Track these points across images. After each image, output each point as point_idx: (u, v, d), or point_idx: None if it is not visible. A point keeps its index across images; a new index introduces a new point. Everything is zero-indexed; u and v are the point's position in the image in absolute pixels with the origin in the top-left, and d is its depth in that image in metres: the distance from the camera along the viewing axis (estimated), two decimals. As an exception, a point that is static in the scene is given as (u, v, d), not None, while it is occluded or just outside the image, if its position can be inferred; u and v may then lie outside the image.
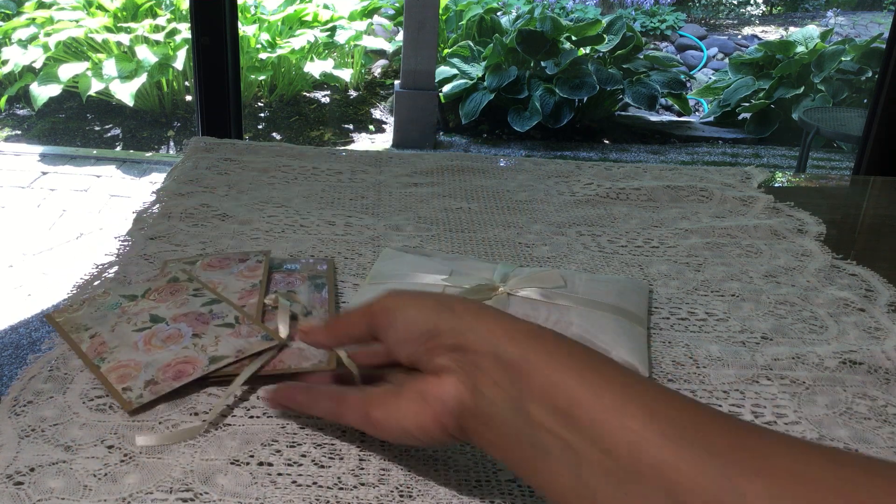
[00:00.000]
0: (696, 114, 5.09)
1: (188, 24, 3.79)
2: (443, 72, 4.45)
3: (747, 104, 4.65)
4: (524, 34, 4.36)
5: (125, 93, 3.82)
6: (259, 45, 4.34)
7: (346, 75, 4.50)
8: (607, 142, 4.56)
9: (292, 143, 1.05)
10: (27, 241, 2.92)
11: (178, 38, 4.04)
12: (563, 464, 0.38)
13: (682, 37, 6.13)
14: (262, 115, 4.51)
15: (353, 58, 4.79)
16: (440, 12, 4.33)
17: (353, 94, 4.82)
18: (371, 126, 4.54)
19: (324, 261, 0.73)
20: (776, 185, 1.05)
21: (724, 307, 0.71)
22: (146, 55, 3.94)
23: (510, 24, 4.91)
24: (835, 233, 0.89)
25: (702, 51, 5.97)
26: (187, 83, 4.29)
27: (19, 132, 4.15)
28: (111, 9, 4.18)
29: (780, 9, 7.31)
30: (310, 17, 4.61)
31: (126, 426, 0.52)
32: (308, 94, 4.73)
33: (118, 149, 4.05)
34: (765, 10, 7.20)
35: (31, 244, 2.89)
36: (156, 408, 0.54)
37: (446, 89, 4.39)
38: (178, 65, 3.98)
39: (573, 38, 4.53)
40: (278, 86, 4.55)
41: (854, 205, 1.04)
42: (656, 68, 4.63)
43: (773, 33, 6.59)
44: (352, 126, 4.52)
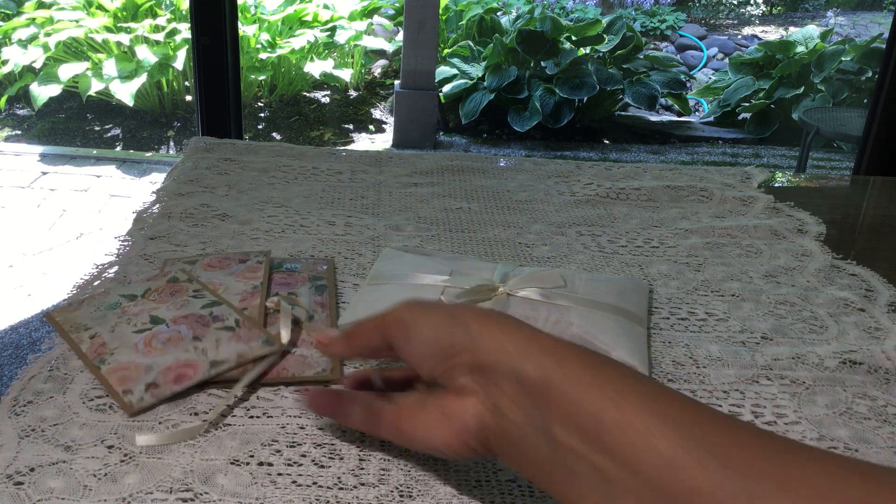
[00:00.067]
0: (696, 114, 5.09)
1: (188, 24, 3.79)
2: (443, 72, 4.45)
3: (747, 104, 4.65)
4: (524, 34, 4.36)
5: (125, 93, 3.82)
6: (259, 45, 4.34)
7: (346, 75, 4.50)
8: (607, 142, 4.56)
9: (292, 143, 1.05)
10: (27, 241, 2.92)
11: (178, 38, 4.04)
12: (591, 485, 0.37)
13: (682, 37, 6.13)
14: (262, 115, 4.51)
15: (353, 58, 4.79)
16: (440, 12, 4.33)
17: (353, 94, 4.82)
18: (371, 126, 4.54)
19: (324, 261, 0.73)
20: (776, 185, 1.05)
21: (724, 307, 0.71)
22: (146, 55, 3.94)
23: (510, 24, 4.91)
24: (835, 233, 0.89)
25: (702, 51, 5.97)
26: (187, 83, 4.29)
27: (19, 132, 4.15)
28: (111, 9, 4.18)
29: (780, 9, 7.31)
30: (310, 17, 4.61)
31: (126, 426, 0.52)
32: (308, 94, 4.73)
33: (118, 149, 4.05)
34: (765, 10, 7.20)
35: (31, 244, 2.89)
36: (156, 408, 0.54)
37: (446, 89, 4.39)
38: (178, 65, 3.98)
39: (573, 38, 4.53)
40: (278, 86, 4.55)
41: (854, 205, 1.04)
42: (656, 68, 4.63)
43: (773, 33, 6.59)
44: (352, 126, 4.52)
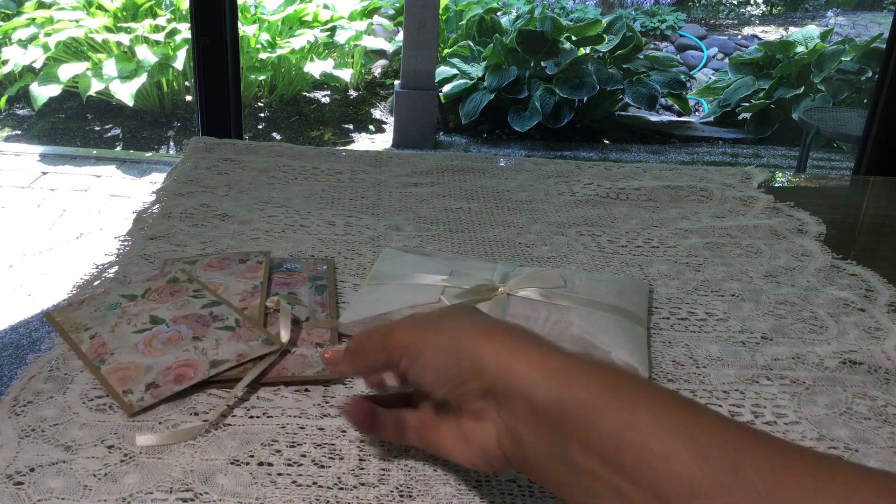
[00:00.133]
0: (696, 114, 5.09)
1: (188, 24, 3.79)
2: (443, 72, 4.45)
3: (747, 104, 4.65)
4: (524, 34, 4.36)
5: (125, 93, 3.82)
6: (259, 45, 4.34)
7: (346, 75, 4.50)
8: (607, 142, 4.56)
9: (292, 143, 1.05)
10: (27, 241, 2.92)
11: (178, 38, 4.04)
12: None
13: (682, 37, 6.12)
14: (262, 115, 4.51)
15: (353, 58, 4.79)
16: (440, 12, 4.32)
17: (353, 94, 4.82)
18: (371, 126, 4.53)
19: (324, 261, 0.73)
20: (776, 185, 1.05)
21: (724, 307, 0.71)
22: (146, 55, 3.94)
23: (510, 24, 4.91)
24: (835, 233, 0.89)
25: (702, 51, 5.97)
26: (187, 83, 4.28)
27: (19, 132, 4.15)
28: (111, 9, 4.18)
29: (780, 9, 7.31)
30: (310, 17, 4.61)
31: (126, 426, 0.52)
32: (308, 94, 4.72)
33: (118, 149, 4.05)
34: (765, 10, 7.20)
35: (31, 244, 2.89)
36: (156, 408, 0.54)
37: (446, 89, 4.39)
38: (178, 65, 3.98)
39: (573, 38, 4.53)
40: (278, 86, 4.55)
41: (854, 205, 1.04)
42: (656, 68, 4.63)
43: (773, 33, 6.59)
44: (352, 126, 4.52)
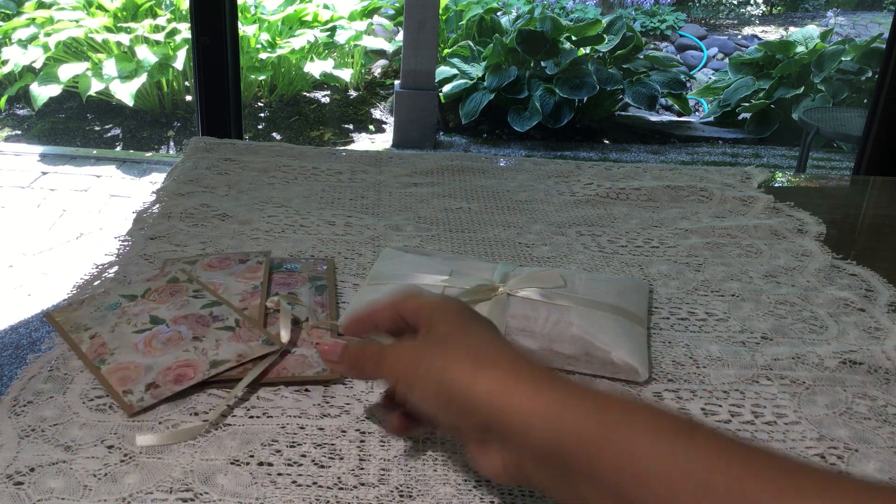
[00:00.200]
0: (696, 114, 5.08)
1: (188, 24, 3.79)
2: (443, 72, 4.45)
3: (747, 104, 4.65)
4: (524, 34, 4.36)
5: (125, 93, 3.82)
6: (259, 45, 4.34)
7: (346, 75, 4.49)
8: (607, 142, 4.56)
9: (292, 143, 1.05)
10: (27, 241, 2.92)
11: (178, 38, 4.04)
12: None
13: (682, 37, 6.12)
14: (262, 115, 4.51)
15: (353, 58, 4.79)
16: (440, 12, 4.32)
17: (353, 94, 4.81)
18: (371, 126, 4.53)
19: (324, 261, 0.73)
20: (776, 185, 1.05)
21: (724, 307, 0.71)
22: (146, 55, 3.94)
23: (510, 24, 4.91)
24: (835, 233, 0.89)
25: (702, 51, 5.97)
26: (187, 83, 4.28)
27: (19, 132, 4.15)
28: (111, 9, 4.18)
29: (780, 9, 7.31)
30: (310, 17, 4.61)
31: (126, 426, 0.52)
32: (308, 94, 4.72)
33: (118, 149, 4.05)
34: (765, 10, 7.20)
35: (31, 244, 2.89)
36: (156, 408, 0.54)
37: (446, 89, 4.39)
38: (178, 65, 3.98)
39: (573, 38, 4.53)
40: (278, 86, 4.55)
41: (854, 205, 1.04)
42: (656, 68, 4.62)
43: (773, 33, 6.59)
44: (352, 126, 4.52)
